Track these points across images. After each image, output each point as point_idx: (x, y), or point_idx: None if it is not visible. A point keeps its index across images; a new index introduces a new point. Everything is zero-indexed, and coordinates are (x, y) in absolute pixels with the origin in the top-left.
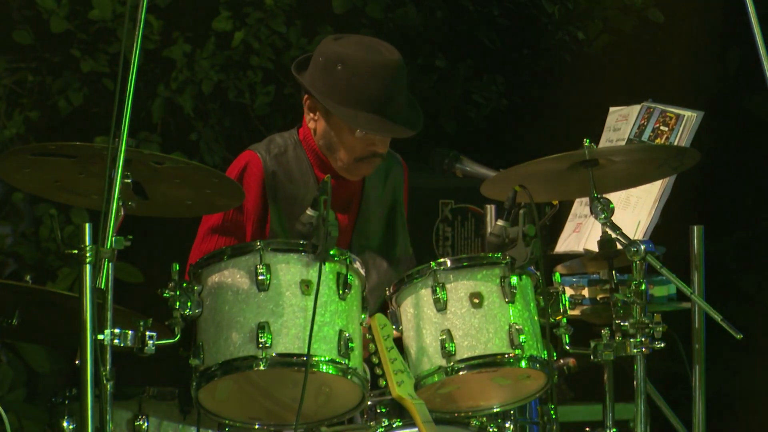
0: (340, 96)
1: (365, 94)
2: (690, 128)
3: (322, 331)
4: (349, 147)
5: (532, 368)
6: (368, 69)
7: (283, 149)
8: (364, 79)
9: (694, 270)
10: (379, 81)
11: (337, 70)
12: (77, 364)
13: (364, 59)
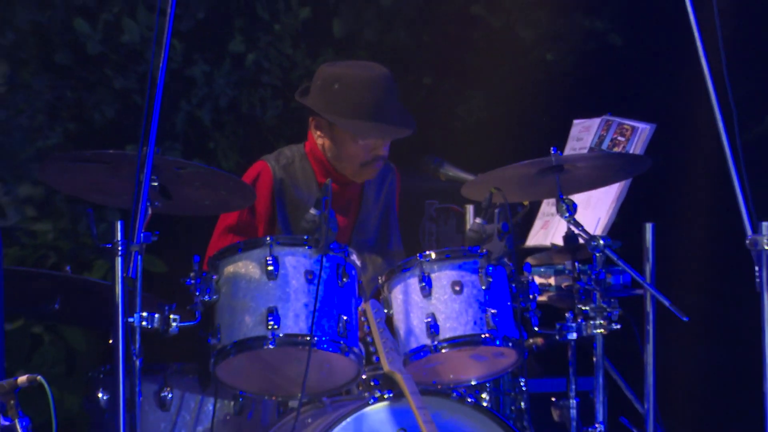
0: (340, 109)
1: (361, 105)
2: (643, 139)
3: (323, 314)
4: (354, 155)
5: (506, 346)
6: (361, 83)
7: (290, 160)
8: (358, 92)
9: (646, 261)
10: (372, 92)
11: (334, 89)
12: (110, 343)
13: (357, 75)
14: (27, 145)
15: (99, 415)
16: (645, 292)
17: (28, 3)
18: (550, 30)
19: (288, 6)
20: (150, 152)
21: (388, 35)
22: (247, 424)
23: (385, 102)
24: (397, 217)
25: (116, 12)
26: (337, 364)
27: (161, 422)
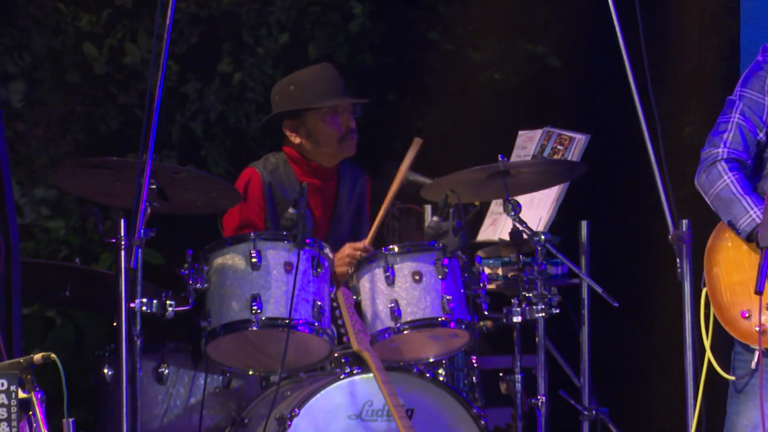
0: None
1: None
2: (580, 147)
3: (300, 300)
4: (330, 134)
5: (459, 328)
6: (312, 75)
7: (275, 165)
8: (313, 81)
9: (582, 254)
10: (324, 77)
11: (291, 90)
12: (114, 325)
13: (305, 72)
14: (42, 153)
15: (104, 389)
16: (581, 281)
17: (43, 30)
18: (498, 53)
19: (269, 32)
20: (149, 159)
21: (356, 57)
22: (233, 396)
23: (338, 82)
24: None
25: (120, 37)
26: (312, 343)
27: (159, 395)
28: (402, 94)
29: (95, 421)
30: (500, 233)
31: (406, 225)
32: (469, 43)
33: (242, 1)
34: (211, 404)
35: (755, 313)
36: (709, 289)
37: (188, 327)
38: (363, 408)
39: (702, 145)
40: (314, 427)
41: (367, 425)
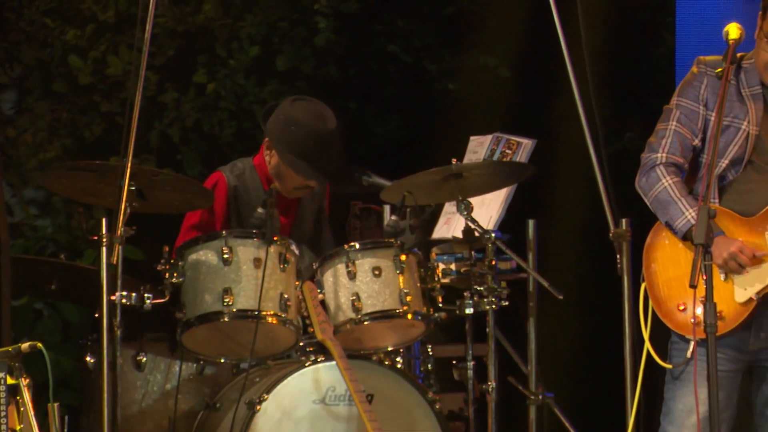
0: (289, 147)
1: (306, 150)
2: (527, 151)
3: (268, 293)
4: (290, 180)
5: (416, 319)
6: (312, 133)
7: (242, 171)
8: (307, 139)
9: (529, 251)
10: (318, 143)
11: (291, 129)
12: (97, 316)
13: (310, 125)
14: (31, 157)
15: (87, 375)
16: (528, 276)
17: (32, 43)
18: (452, 65)
19: (241, 45)
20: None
21: (321, 69)
22: (206, 382)
23: (326, 152)
24: (327, 215)
25: (103, 50)
26: (279, 333)
27: (137, 381)
28: (363, 103)
29: (79, 405)
30: (453, 231)
31: (367, 224)
32: (425, 55)
33: (216, 17)
34: (186, 389)
35: (690, 306)
36: (648, 284)
37: (165, 318)
38: (326, 393)
39: (641, 150)
40: (281, 411)
41: (330, 409)
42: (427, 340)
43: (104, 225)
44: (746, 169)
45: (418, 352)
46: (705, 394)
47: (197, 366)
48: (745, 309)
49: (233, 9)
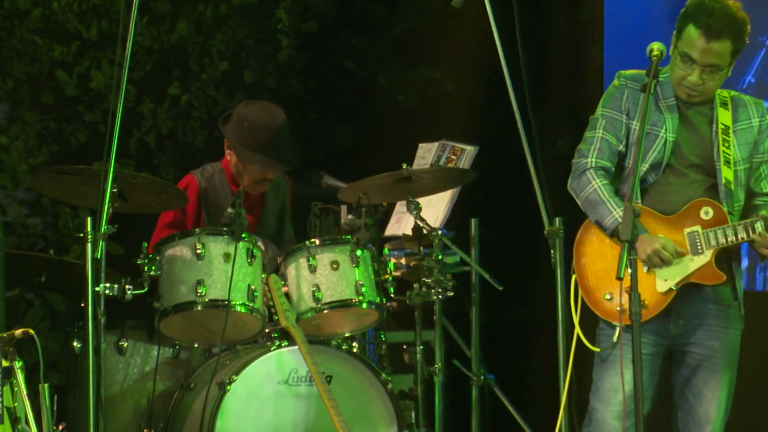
0: (245, 144)
1: (260, 143)
2: (470, 157)
3: (237, 285)
4: (250, 174)
5: (370, 309)
6: (263, 127)
7: (211, 174)
8: (260, 133)
9: (472, 246)
10: (269, 135)
11: (244, 127)
12: (82, 305)
13: (261, 120)
14: (22, 162)
15: (74, 359)
16: (471, 269)
17: (22, 59)
18: (402, 78)
19: (211, 61)
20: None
21: (284, 82)
22: (181, 365)
23: (278, 142)
24: (290, 214)
25: (87, 65)
26: (247, 321)
27: (119, 364)
28: (322, 113)
29: (66, 385)
30: (404, 229)
31: (326, 222)
32: (378, 70)
33: (189, 35)
34: (163, 372)
35: (616, 296)
36: (578, 276)
37: (144, 307)
38: (289, 375)
39: (572, 156)
40: (248, 391)
41: (293, 389)
42: (380, 326)
43: (88, 223)
44: (665, 172)
45: (372, 338)
46: (630, 374)
47: (173, 350)
48: (666, 298)
49: (204, 28)
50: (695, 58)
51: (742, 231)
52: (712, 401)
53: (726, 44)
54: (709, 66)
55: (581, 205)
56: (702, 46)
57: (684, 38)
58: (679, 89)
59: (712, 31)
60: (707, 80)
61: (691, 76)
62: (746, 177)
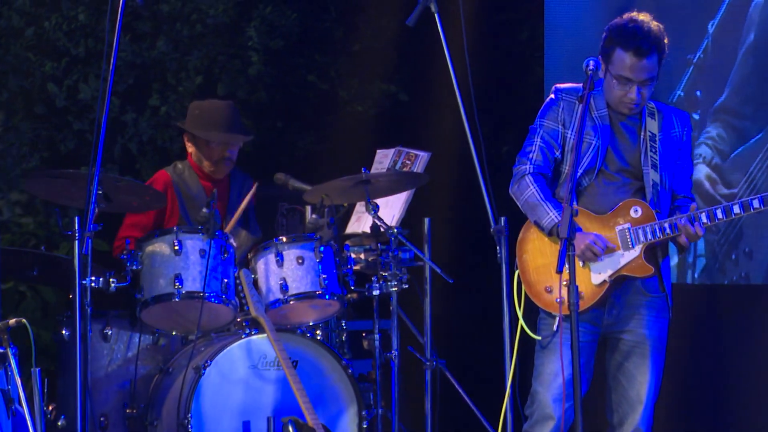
0: (198, 125)
1: (214, 121)
2: (423, 162)
3: (212, 278)
4: (209, 156)
5: (332, 299)
6: (212, 108)
7: (182, 170)
8: (211, 114)
9: (425, 243)
10: (220, 114)
11: (195, 113)
12: (71, 297)
13: (210, 105)
14: (16, 167)
15: (63, 345)
16: (424, 263)
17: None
18: (361, 91)
19: (188, 75)
20: (97, 171)
21: (254, 95)
22: (161, 351)
23: (229, 119)
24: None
25: (75, 79)
26: (220, 311)
27: (104, 350)
28: (288, 122)
29: (56, 370)
30: (363, 227)
31: (292, 221)
32: (338, 83)
33: (167, 52)
34: (144, 357)
35: (556, 288)
36: (521, 271)
37: (126, 298)
38: (259, 360)
39: (514, 163)
40: (221, 375)
41: (262, 373)
42: (341, 316)
43: (77, 222)
44: (598, 176)
45: (334, 326)
46: (568, 360)
47: (153, 338)
48: (600, 290)
49: (181, 45)
50: (632, 78)
51: (667, 227)
52: (644, 384)
53: (654, 58)
54: (645, 81)
55: (521, 207)
56: (636, 66)
57: (615, 62)
58: (621, 107)
59: (641, 50)
60: (644, 92)
61: (630, 94)
62: (671, 181)
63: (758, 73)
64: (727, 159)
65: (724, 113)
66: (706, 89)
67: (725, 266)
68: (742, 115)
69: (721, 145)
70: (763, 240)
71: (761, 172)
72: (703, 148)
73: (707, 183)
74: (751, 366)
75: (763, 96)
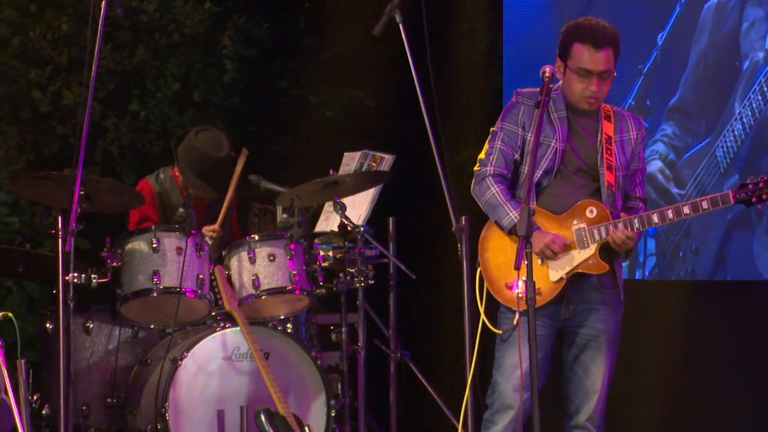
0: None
1: (203, 171)
2: (388, 164)
3: (188, 274)
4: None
5: (302, 294)
6: (208, 159)
7: (164, 179)
8: (204, 164)
9: (390, 241)
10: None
11: (192, 155)
12: (54, 292)
13: (207, 153)
14: (3, 169)
15: (47, 338)
16: (389, 260)
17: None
18: (330, 97)
19: (166, 82)
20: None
21: (228, 100)
22: (140, 343)
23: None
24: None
25: (59, 85)
26: (196, 305)
27: (86, 342)
28: (261, 127)
29: (40, 361)
30: (331, 226)
31: (264, 220)
32: (309, 89)
33: (146, 60)
34: (124, 349)
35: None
36: (482, 268)
37: (107, 293)
38: (233, 352)
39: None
40: (197, 366)
41: (235, 365)
42: (311, 310)
43: (60, 221)
44: (556, 177)
45: (304, 320)
46: (527, 353)
47: (132, 331)
48: (557, 286)
49: (160, 54)
50: (591, 69)
51: (621, 227)
52: (598, 375)
53: (610, 51)
54: (603, 72)
55: (482, 207)
56: (594, 57)
57: (574, 56)
58: (582, 102)
59: (599, 42)
60: (603, 86)
61: (591, 86)
62: (624, 182)
63: (708, 76)
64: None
65: (677, 112)
66: (656, 97)
67: (674, 263)
68: (693, 116)
69: (675, 142)
70: (709, 238)
71: (707, 175)
72: (659, 145)
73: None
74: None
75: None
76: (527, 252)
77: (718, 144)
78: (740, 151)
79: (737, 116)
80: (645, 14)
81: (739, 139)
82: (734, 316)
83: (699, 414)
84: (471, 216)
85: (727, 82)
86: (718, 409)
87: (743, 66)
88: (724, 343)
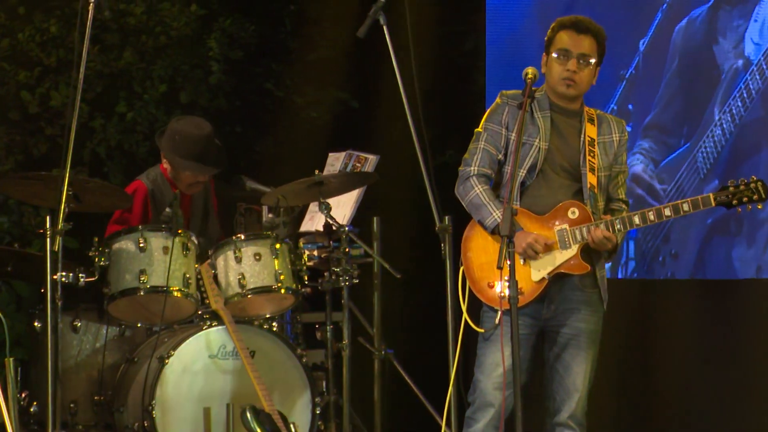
0: (177, 152)
1: (190, 151)
2: (372, 164)
3: (174, 273)
4: (183, 179)
5: (288, 293)
6: (191, 138)
7: (154, 178)
8: (189, 144)
9: (374, 240)
10: (198, 144)
11: (176, 139)
12: (43, 291)
13: (190, 133)
14: None
15: (36, 336)
16: (373, 260)
17: None
18: (315, 98)
19: (152, 84)
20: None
21: (214, 102)
22: (127, 341)
23: (206, 150)
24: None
25: (47, 87)
26: (182, 304)
27: (74, 341)
28: (247, 127)
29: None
30: (316, 226)
31: (250, 220)
32: (294, 91)
33: (133, 62)
34: (111, 347)
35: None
36: (465, 267)
37: (95, 292)
38: (219, 350)
39: (459, 164)
40: (183, 364)
41: (221, 363)
42: (296, 309)
43: (48, 221)
44: (538, 176)
45: (290, 318)
46: (508, 351)
47: (120, 329)
48: (539, 286)
49: (146, 56)
50: (570, 49)
51: (602, 228)
52: (579, 373)
53: (592, 40)
54: (582, 55)
55: (466, 207)
56: (574, 39)
57: (556, 42)
58: (560, 85)
59: (580, 26)
60: (581, 69)
61: (569, 66)
62: (607, 183)
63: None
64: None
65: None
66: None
67: (653, 267)
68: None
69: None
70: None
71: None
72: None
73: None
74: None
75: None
76: (510, 252)
77: (698, 149)
78: (720, 156)
79: (717, 122)
80: (627, 18)
81: (719, 144)
82: (714, 315)
83: (679, 413)
84: (454, 216)
85: (705, 90)
86: (695, 408)
87: (722, 74)
88: (705, 342)
